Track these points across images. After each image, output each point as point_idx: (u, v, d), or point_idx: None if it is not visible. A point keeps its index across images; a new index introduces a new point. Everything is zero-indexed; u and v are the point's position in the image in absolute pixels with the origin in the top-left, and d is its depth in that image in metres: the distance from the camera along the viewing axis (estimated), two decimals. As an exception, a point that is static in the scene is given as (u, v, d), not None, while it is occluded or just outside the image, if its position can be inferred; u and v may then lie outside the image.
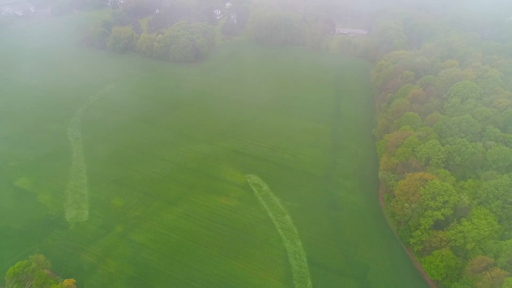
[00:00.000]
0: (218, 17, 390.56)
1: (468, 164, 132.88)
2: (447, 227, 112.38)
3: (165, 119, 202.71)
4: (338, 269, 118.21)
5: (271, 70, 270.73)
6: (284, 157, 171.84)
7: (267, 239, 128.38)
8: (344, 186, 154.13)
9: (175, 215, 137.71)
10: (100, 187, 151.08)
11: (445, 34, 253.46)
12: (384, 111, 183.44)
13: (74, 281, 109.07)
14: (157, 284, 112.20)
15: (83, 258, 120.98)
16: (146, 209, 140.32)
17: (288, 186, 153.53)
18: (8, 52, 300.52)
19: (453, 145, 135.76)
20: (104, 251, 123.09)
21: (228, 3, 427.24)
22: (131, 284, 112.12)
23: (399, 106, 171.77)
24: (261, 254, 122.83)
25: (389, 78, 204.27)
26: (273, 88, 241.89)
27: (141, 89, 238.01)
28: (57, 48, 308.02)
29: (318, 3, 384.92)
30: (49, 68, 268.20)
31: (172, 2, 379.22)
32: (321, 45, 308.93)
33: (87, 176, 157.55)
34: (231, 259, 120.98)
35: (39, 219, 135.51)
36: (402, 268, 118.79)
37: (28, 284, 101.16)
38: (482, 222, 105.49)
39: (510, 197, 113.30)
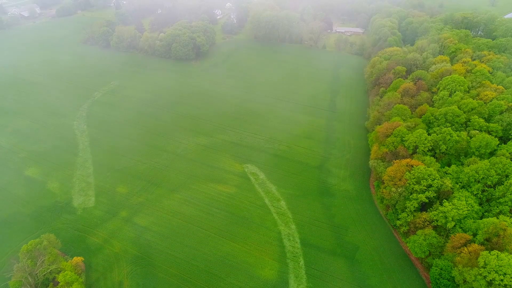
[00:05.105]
0: (219, 17, 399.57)
1: (453, 152, 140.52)
2: (430, 208, 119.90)
3: (166, 114, 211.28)
4: (329, 249, 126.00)
5: (269, 67, 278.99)
6: (280, 148, 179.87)
7: (263, 223, 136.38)
8: (336, 174, 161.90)
9: (176, 201, 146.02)
10: (105, 176, 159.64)
11: (438, 31, 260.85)
12: (377, 104, 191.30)
13: (83, 259, 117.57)
14: (159, 263, 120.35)
15: (90, 239, 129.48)
16: (149, 196, 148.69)
17: (283, 175, 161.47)
18: (15, 51, 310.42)
19: (439, 134, 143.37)
20: (110, 233, 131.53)
21: (228, 3, 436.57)
22: (135, 263, 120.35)
23: (391, 99, 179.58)
24: (257, 236, 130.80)
25: (382, 74, 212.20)
26: (271, 84, 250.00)
27: (144, 86, 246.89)
28: (62, 47, 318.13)
29: (316, 2, 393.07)
30: (55, 66, 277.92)
31: (174, 2, 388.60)
32: (319, 43, 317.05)
33: (93, 166, 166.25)
34: (229, 240, 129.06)
35: (48, 205, 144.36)
36: (389, 248, 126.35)
37: (41, 260, 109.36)
38: (462, 203, 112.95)
39: (489, 180, 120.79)
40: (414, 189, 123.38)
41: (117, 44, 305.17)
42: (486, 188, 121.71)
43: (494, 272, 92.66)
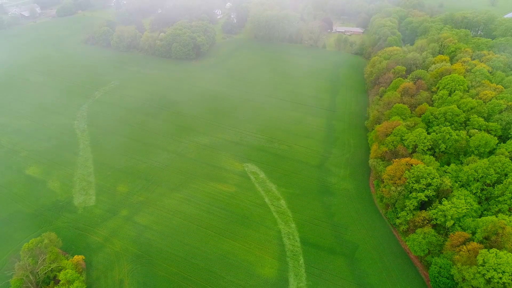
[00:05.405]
0: (219, 17, 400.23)
1: (452, 151, 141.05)
2: (430, 207, 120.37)
3: (167, 113, 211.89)
4: (328, 248, 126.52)
5: (269, 67, 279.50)
6: (281, 147, 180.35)
7: (263, 221, 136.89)
8: (336, 173, 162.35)
9: (177, 200, 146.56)
10: (106, 175, 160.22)
11: (437, 31, 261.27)
12: (376, 103, 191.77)
13: (83, 257, 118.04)
14: (160, 261, 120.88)
15: (91, 238, 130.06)
16: (149, 195, 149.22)
17: (283, 174, 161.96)
18: (15, 51, 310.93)
19: (438, 133, 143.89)
20: (110, 232, 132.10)
21: (229, 3, 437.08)
22: (135, 261, 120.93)
23: (390, 99, 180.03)
24: (257, 234, 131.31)
25: (382, 73, 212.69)
26: (271, 84, 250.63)
27: (144, 85, 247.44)
28: (63, 47, 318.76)
29: (316, 2, 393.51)
30: (56, 66, 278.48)
31: (174, 2, 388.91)
32: (319, 43, 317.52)
33: (93, 165, 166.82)
34: (229, 239, 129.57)
35: (49, 204, 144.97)
36: (388, 246, 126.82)
37: (42, 258, 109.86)
38: (461, 202, 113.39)
39: (488, 179, 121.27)
40: (414, 188, 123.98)
41: (118, 44, 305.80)
42: (485, 187, 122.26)
43: (493, 270, 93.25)
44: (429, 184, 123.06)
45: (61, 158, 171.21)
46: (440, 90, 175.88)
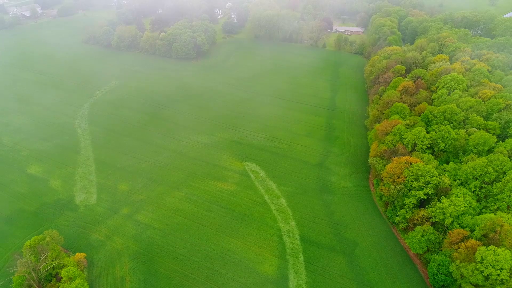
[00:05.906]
0: (219, 17, 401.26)
1: (451, 150, 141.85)
2: (429, 205, 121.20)
3: (167, 112, 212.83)
4: (328, 246, 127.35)
5: (269, 66, 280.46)
6: (280, 146, 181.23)
7: (263, 220, 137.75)
8: (336, 172, 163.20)
9: (177, 198, 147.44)
10: (107, 174, 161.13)
11: (437, 30, 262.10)
12: (376, 102, 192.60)
13: (85, 255, 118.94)
14: (161, 259, 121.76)
15: (92, 236, 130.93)
16: (150, 193, 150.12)
17: (283, 172, 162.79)
18: (16, 51, 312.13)
19: (437, 132, 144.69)
20: (112, 230, 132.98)
21: (229, 3, 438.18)
22: (137, 259, 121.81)
23: (390, 98, 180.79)
24: (257, 232, 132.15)
25: (382, 72, 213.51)
26: (271, 83, 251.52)
27: (145, 85, 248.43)
28: (64, 46, 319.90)
29: (316, 2, 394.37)
30: (57, 65, 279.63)
31: (174, 2, 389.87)
32: (319, 42, 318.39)
33: (94, 164, 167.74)
34: (229, 237, 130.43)
35: (50, 203, 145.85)
36: (388, 244, 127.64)
37: (44, 256, 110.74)
38: (459, 200, 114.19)
39: (487, 177, 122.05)
40: (413, 186, 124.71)
41: (118, 43, 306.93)
42: (484, 185, 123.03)
43: (491, 267, 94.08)
44: (428, 182, 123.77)
45: (62, 157, 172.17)
46: (440, 89, 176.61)
